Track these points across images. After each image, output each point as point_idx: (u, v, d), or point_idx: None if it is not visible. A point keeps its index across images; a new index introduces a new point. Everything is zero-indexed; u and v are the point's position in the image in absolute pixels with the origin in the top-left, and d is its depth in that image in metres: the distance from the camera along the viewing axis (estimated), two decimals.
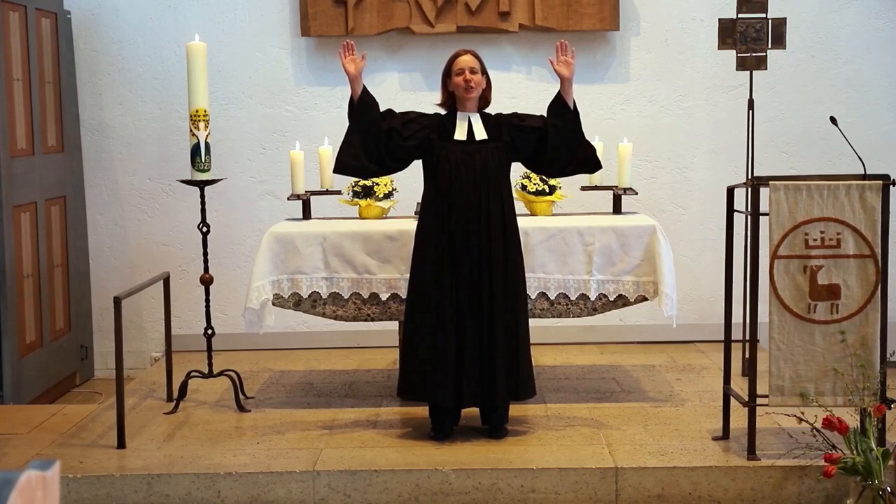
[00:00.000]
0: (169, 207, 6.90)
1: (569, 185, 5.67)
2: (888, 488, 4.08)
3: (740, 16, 5.76)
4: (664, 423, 5.02)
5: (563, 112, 4.81)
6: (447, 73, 4.83)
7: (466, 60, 4.78)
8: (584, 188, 5.76)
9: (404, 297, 5.19)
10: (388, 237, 5.26)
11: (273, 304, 5.24)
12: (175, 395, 5.46)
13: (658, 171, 6.88)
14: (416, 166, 4.94)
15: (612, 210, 5.67)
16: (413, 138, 4.81)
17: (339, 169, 4.89)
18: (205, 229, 5.36)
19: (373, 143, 4.80)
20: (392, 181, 5.52)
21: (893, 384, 4.63)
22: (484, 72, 4.82)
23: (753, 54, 5.77)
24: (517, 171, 5.11)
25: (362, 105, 4.79)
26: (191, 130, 5.22)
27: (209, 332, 5.41)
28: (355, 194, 5.54)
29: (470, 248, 4.72)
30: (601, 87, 6.82)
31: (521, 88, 6.71)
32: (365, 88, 4.81)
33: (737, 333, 5.45)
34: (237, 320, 6.33)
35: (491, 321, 4.72)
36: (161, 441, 4.89)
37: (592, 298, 5.28)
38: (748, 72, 5.83)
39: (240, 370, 5.70)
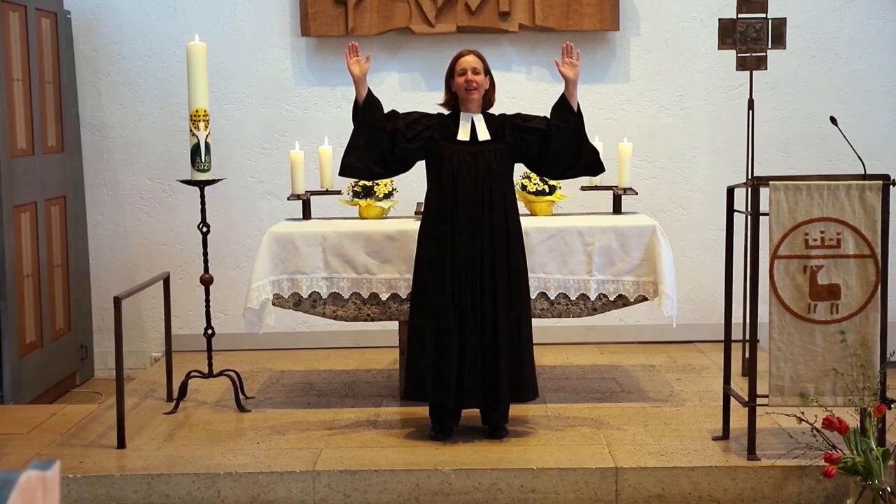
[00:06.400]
0: (169, 207, 6.90)
1: (569, 185, 5.66)
2: (888, 488, 4.08)
3: (740, 16, 5.76)
4: (664, 423, 5.02)
5: (566, 114, 4.80)
6: (450, 73, 4.83)
7: (469, 61, 4.79)
8: (584, 188, 5.76)
9: (404, 297, 5.19)
10: (388, 237, 5.26)
11: (273, 304, 5.24)
12: (175, 395, 5.46)
13: (658, 171, 6.88)
14: (418, 166, 4.94)
15: (612, 210, 5.67)
16: (417, 139, 4.80)
17: (344, 172, 4.89)
18: (205, 229, 5.36)
19: (377, 145, 4.80)
20: (392, 181, 5.52)
21: (893, 384, 4.63)
22: (487, 72, 4.82)
23: (753, 54, 5.77)
24: (517, 171, 5.11)
25: (367, 107, 4.79)
26: (191, 130, 5.22)
27: (209, 332, 5.41)
28: (355, 194, 5.54)
29: (473, 249, 4.72)
30: (601, 87, 6.82)
31: (521, 88, 6.71)
32: (369, 90, 4.80)
33: (737, 333, 5.46)
34: (237, 320, 6.33)
35: (494, 322, 4.72)
36: (161, 441, 4.89)
37: (592, 298, 5.28)
38: (748, 72, 5.83)
39: (240, 370, 5.70)
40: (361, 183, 5.48)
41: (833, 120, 4.73)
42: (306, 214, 5.58)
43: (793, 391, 4.37)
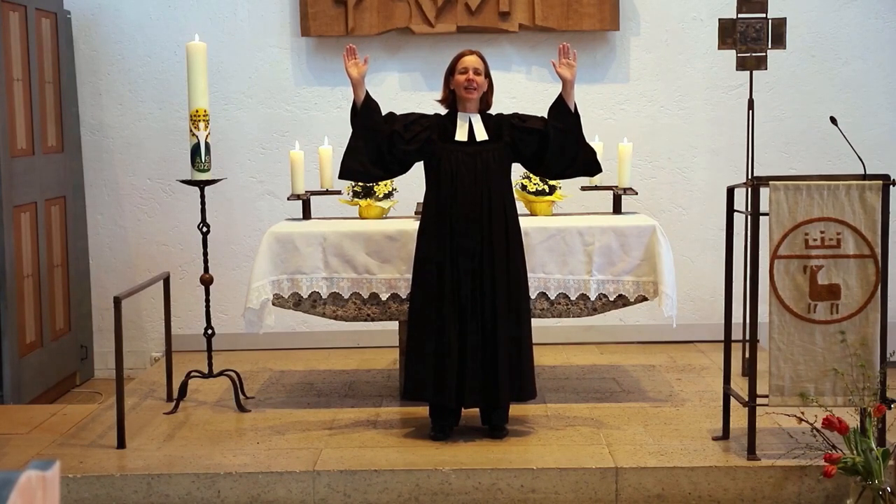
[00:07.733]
0: (169, 207, 6.90)
1: (569, 185, 5.66)
2: (888, 488, 4.08)
3: (740, 16, 5.76)
4: (664, 423, 5.02)
5: (564, 115, 4.81)
6: (451, 71, 4.84)
7: (471, 60, 4.79)
8: (584, 188, 5.76)
9: (404, 297, 5.19)
10: (388, 237, 5.26)
11: (273, 304, 5.24)
12: (175, 395, 5.46)
13: (658, 171, 6.88)
14: (418, 166, 4.94)
15: (612, 210, 5.67)
16: (415, 141, 4.81)
17: (344, 175, 4.90)
18: (205, 229, 5.36)
19: (376, 147, 4.81)
20: (392, 181, 5.52)
21: (893, 384, 4.63)
22: (487, 75, 4.82)
23: (753, 54, 5.77)
24: (517, 171, 5.11)
25: (365, 110, 4.79)
26: (191, 130, 5.22)
27: (209, 332, 5.41)
28: (355, 194, 5.54)
29: (472, 249, 4.72)
30: (601, 87, 6.82)
31: (521, 88, 6.71)
32: (367, 93, 4.81)
33: (737, 333, 5.46)
34: (237, 320, 6.33)
35: (493, 322, 4.72)
36: (161, 441, 4.89)
37: (592, 298, 5.28)
38: (748, 72, 5.83)
39: (240, 370, 5.70)
40: (361, 183, 5.48)
41: (833, 120, 4.73)
42: (306, 214, 5.58)
43: (793, 391, 4.37)
